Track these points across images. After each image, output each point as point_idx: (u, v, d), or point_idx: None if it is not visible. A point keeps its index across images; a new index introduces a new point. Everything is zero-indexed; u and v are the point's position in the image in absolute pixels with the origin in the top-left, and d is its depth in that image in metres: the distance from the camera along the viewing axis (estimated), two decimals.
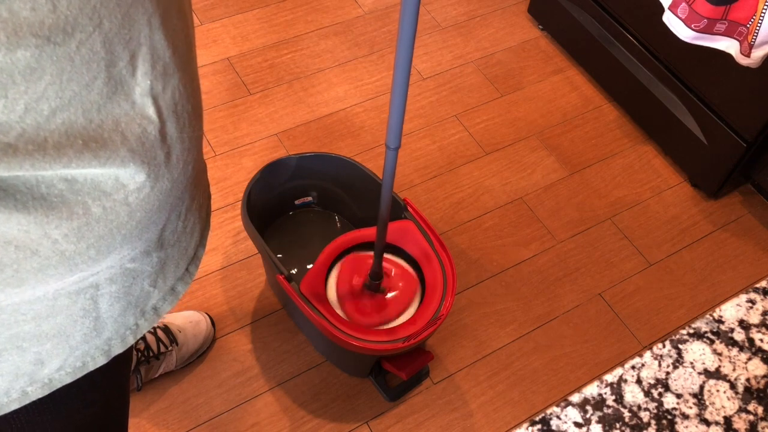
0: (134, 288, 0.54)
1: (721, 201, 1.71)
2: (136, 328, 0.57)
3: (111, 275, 0.51)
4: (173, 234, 0.55)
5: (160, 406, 1.31)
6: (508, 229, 1.61)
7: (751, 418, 0.53)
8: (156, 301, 0.57)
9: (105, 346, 0.55)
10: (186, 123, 0.49)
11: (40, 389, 0.53)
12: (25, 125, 0.38)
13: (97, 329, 0.53)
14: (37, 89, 0.37)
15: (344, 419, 1.33)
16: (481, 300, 1.50)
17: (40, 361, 0.51)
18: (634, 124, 1.83)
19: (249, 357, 1.38)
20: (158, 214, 0.50)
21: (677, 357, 0.55)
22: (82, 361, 0.54)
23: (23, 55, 0.35)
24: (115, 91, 0.41)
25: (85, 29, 0.37)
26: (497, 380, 1.40)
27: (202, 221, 0.61)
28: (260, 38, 1.90)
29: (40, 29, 0.35)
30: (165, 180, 0.48)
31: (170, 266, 0.57)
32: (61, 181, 0.42)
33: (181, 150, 0.49)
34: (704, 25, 1.25)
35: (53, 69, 0.37)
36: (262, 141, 1.69)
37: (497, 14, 2.04)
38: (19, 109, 0.37)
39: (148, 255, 0.53)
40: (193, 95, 0.50)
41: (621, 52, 1.74)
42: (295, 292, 1.17)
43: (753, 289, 0.60)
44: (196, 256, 0.61)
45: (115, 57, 0.40)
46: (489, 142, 1.76)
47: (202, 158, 0.58)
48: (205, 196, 0.62)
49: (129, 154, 0.44)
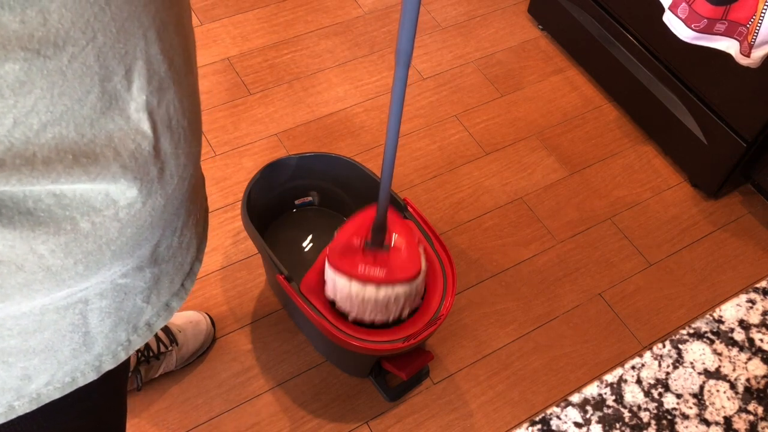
0: (126, 304, 0.53)
1: (721, 201, 1.71)
2: (129, 344, 0.56)
3: (101, 290, 0.50)
4: (168, 250, 0.54)
5: (160, 406, 1.31)
6: (508, 229, 1.61)
7: (751, 418, 0.53)
8: (149, 317, 0.56)
9: (95, 361, 0.54)
10: (181, 138, 0.48)
11: (28, 404, 0.52)
12: (14, 139, 0.37)
13: (86, 344, 0.52)
14: (27, 103, 0.36)
15: (344, 419, 1.33)
16: (481, 300, 1.50)
17: (27, 376, 0.50)
18: (634, 124, 1.83)
19: (249, 357, 1.38)
20: (151, 230, 0.49)
21: (677, 357, 0.55)
22: (72, 377, 0.53)
23: (11, 68, 0.34)
24: (109, 105, 0.40)
25: (77, 43, 0.36)
26: (497, 380, 1.40)
27: (199, 236, 0.60)
28: (260, 38, 1.90)
29: (29, 42, 0.34)
30: (158, 196, 0.47)
31: (164, 282, 0.56)
32: (49, 196, 0.41)
33: (175, 166, 0.48)
34: (704, 25, 1.25)
35: (44, 83, 0.36)
36: (262, 141, 1.69)
37: (497, 14, 2.04)
38: (7, 123, 0.36)
39: (140, 271, 0.52)
40: (189, 110, 0.49)
41: (621, 52, 1.74)
42: (295, 292, 1.17)
43: (753, 289, 0.60)
44: (191, 271, 0.60)
45: (110, 71, 0.39)
46: (489, 142, 1.76)
47: (199, 172, 0.58)
48: (202, 210, 0.61)
49: (120, 169, 0.43)
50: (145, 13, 0.40)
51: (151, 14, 0.41)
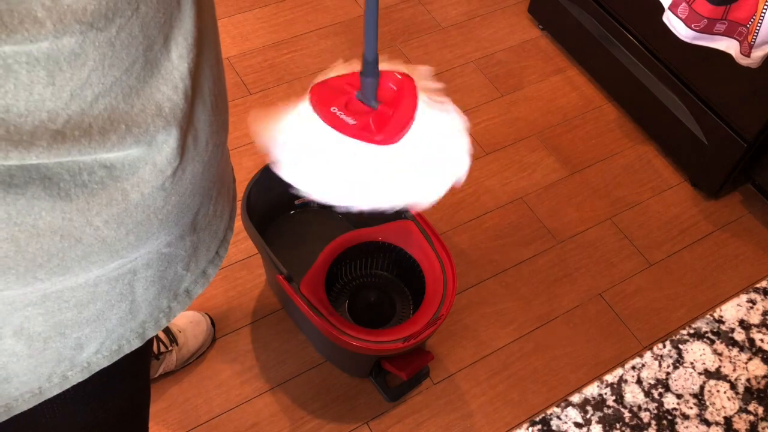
0: (168, 272, 0.55)
1: (721, 201, 1.71)
2: (169, 310, 0.58)
3: (148, 260, 0.52)
4: (205, 218, 0.56)
5: (160, 406, 1.31)
6: (508, 229, 1.61)
7: (751, 418, 0.53)
8: (188, 284, 0.58)
9: (140, 329, 0.56)
10: (213, 105, 0.50)
11: (80, 373, 0.54)
12: (71, 111, 0.38)
13: (132, 313, 0.54)
14: (82, 75, 0.38)
15: (344, 419, 1.33)
16: (481, 300, 1.50)
17: (79, 345, 0.52)
18: (634, 124, 1.83)
19: (249, 357, 1.38)
20: (192, 198, 0.51)
21: (677, 357, 0.55)
22: (118, 344, 0.55)
23: (68, 41, 0.36)
24: (151, 74, 0.42)
25: (124, 14, 0.38)
26: (497, 380, 1.40)
27: (230, 204, 0.62)
28: (260, 38, 1.90)
29: (83, 15, 0.36)
30: (197, 163, 0.49)
31: (202, 250, 0.58)
32: (101, 168, 0.42)
33: (209, 133, 0.50)
34: (704, 25, 1.25)
35: (96, 55, 0.38)
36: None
37: (497, 14, 2.04)
38: (65, 95, 0.38)
39: (182, 239, 0.54)
40: (218, 78, 0.51)
41: (621, 52, 1.74)
42: (295, 292, 1.17)
43: (753, 289, 0.60)
44: (225, 239, 0.62)
45: (151, 41, 0.41)
46: (489, 142, 1.76)
47: (227, 143, 0.59)
48: (230, 178, 0.64)
49: (166, 137, 0.44)
50: None
51: None
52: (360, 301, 1.38)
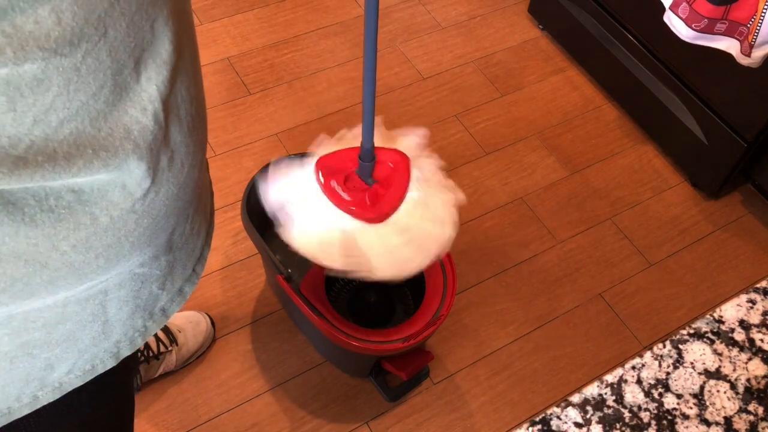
0: (143, 291, 0.54)
1: (721, 201, 1.71)
2: (145, 330, 0.57)
3: (120, 281, 0.51)
4: (182, 237, 0.55)
5: (160, 406, 1.31)
6: (508, 229, 1.61)
7: (751, 418, 0.52)
8: (164, 303, 0.58)
9: (114, 348, 0.55)
10: (190, 126, 0.49)
11: (51, 393, 0.53)
12: (34, 137, 0.37)
13: (105, 332, 0.53)
14: (45, 101, 0.37)
15: (344, 419, 1.33)
16: (481, 300, 1.50)
17: (50, 365, 0.51)
18: (634, 124, 1.83)
19: (249, 357, 1.38)
20: (166, 219, 0.50)
21: (677, 357, 0.55)
22: (92, 364, 0.54)
23: (30, 68, 0.35)
24: (120, 98, 0.41)
25: (90, 39, 0.37)
26: (497, 380, 1.40)
27: (207, 221, 0.61)
28: (260, 38, 1.90)
29: (46, 42, 0.35)
30: (171, 185, 0.48)
31: (178, 268, 0.57)
32: (68, 193, 0.42)
33: (185, 154, 0.49)
34: (705, 25, 1.25)
35: (60, 80, 0.37)
36: (262, 141, 1.69)
37: (497, 14, 2.04)
38: (27, 121, 0.37)
39: (157, 259, 0.53)
40: (196, 98, 0.50)
41: (621, 52, 1.74)
42: (295, 292, 1.17)
43: (753, 289, 0.60)
44: (202, 256, 0.61)
45: (121, 65, 0.40)
46: (489, 142, 1.76)
47: (205, 159, 0.59)
48: (208, 194, 0.62)
49: (136, 160, 0.44)
50: (152, 6, 0.41)
51: (158, 6, 0.42)
52: (360, 301, 1.38)
